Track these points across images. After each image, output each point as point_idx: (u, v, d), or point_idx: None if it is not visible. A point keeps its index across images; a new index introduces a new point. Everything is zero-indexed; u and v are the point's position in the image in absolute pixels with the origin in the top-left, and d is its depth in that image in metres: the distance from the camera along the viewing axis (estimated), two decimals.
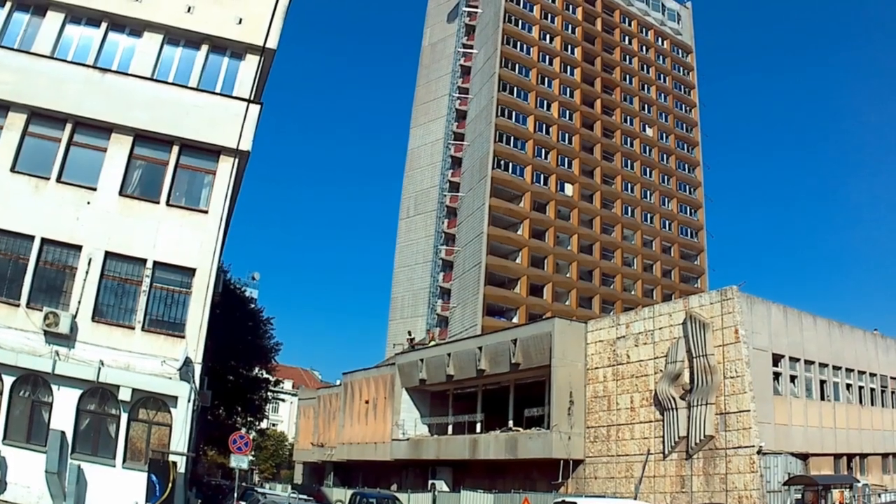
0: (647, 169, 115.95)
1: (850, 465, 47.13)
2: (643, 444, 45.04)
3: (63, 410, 27.91)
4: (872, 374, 50.74)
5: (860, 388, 49.74)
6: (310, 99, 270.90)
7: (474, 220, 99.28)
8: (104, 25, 31.72)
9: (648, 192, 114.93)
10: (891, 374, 52.59)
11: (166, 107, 30.98)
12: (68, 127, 30.02)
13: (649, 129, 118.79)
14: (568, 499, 35.62)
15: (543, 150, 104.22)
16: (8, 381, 27.72)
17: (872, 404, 50.56)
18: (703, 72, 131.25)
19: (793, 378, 44.89)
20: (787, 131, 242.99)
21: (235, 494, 35.24)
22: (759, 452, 38.77)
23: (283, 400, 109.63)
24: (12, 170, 29.32)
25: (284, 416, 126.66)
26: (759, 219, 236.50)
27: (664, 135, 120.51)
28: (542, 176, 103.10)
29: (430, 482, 59.23)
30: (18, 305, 28.22)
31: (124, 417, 28.48)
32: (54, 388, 27.96)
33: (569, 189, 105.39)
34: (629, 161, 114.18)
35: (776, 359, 43.62)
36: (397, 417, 64.53)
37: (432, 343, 73.70)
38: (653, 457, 44.18)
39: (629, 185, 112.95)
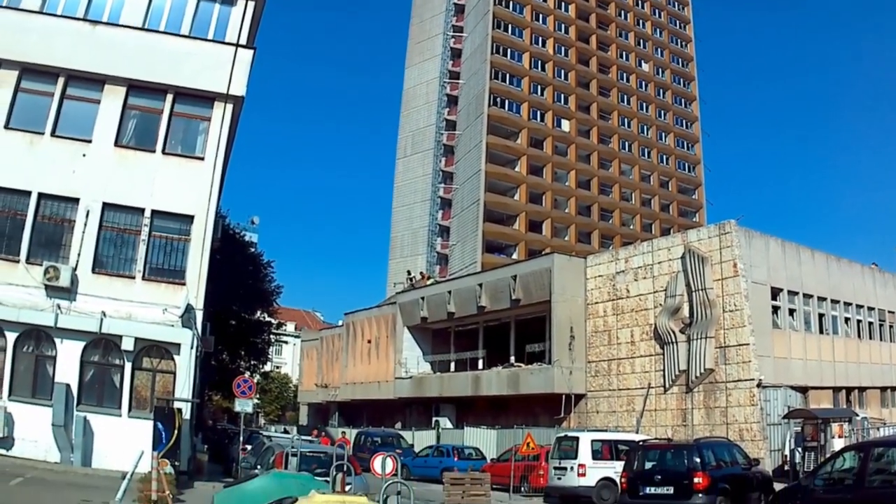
0: (644, 104, 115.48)
1: (848, 399, 47.41)
2: (644, 377, 45.36)
3: (67, 363, 28.14)
4: (871, 308, 50.96)
5: (858, 321, 49.99)
6: (303, 41, 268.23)
7: (472, 157, 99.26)
8: None
9: (645, 127, 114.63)
10: (888, 307, 52.81)
11: (158, 56, 30.71)
12: (61, 81, 29.84)
13: (645, 64, 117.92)
14: (570, 433, 35.84)
15: (539, 87, 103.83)
16: (11, 337, 27.90)
17: (871, 338, 50.85)
18: (698, 5, 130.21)
19: (791, 312, 45.12)
20: (785, 63, 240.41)
21: (241, 438, 35.40)
22: (758, 385, 39.07)
23: (285, 342, 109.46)
24: (6, 126, 29.23)
25: (288, 359, 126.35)
26: (756, 152, 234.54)
27: (660, 70, 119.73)
28: (538, 112, 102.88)
29: (433, 419, 59.55)
30: (18, 261, 28.33)
31: (128, 367, 28.71)
32: (57, 341, 28.17)
33: (566, 125, 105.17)
34: (626, 96, 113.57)
35: (775, 292, 43.80)
36: (400, 356, 64.86)
37: (431, 281, 73.79)
38: (654, 390, 44.54)
39: (626, 120, 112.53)
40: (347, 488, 18.71)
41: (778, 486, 25.31)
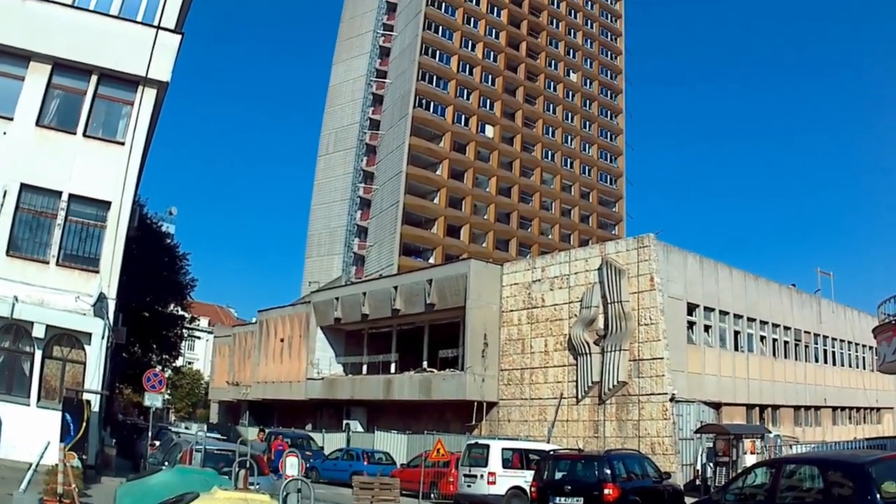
0: (570, 114, 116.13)
1: (762, 416, 48.17)
2: (557, 387, 45.48)
3: None
4: (787, 328, 51.87)
5: (774, 340, 50.82)
6: (230, 30, 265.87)
7: (394, 158, 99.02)
8: None
9: (570, 137, 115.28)
10: (805, 328, 53.82)
11: (86, 35, 29.83)
12: None
13: (573, 74, 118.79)
14: (481, 441, 35.78)
15: (466, 91, 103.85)
16: None
17: (786, 357, 51.77)
18: (631, 16, 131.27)
19: (707, 328, 45.62)
20: (715, 81, 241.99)
21: (150, 433, 34.89)
22: (671, 400, 39.43)
23: (198, 337, 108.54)
24: None
25: (200, 354, 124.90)
26: (679, 169, 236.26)
27: (588, 81, 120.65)
28: (463, 116, 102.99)
29: (344, 422, 59.36)
30: None
31: (38, 355, 27.93)
32: None
33: (490, 131, 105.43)
34: (552, 105, 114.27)
35: (691, 308, 44.23)
36: (312, 356, 64.46)
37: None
38: (566, 401, 44.68)
39: (551, 129, 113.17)
40: (251, 486, 18.48)
41: (689, 501, 25.50)
